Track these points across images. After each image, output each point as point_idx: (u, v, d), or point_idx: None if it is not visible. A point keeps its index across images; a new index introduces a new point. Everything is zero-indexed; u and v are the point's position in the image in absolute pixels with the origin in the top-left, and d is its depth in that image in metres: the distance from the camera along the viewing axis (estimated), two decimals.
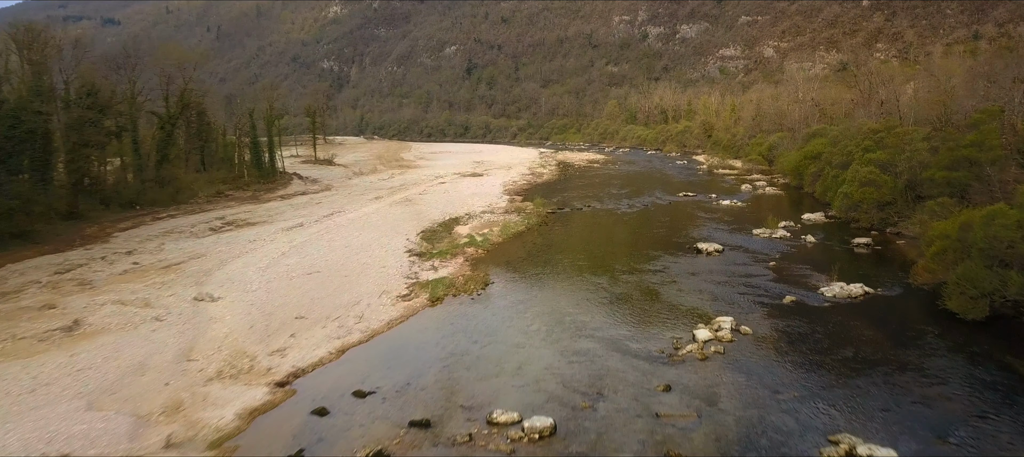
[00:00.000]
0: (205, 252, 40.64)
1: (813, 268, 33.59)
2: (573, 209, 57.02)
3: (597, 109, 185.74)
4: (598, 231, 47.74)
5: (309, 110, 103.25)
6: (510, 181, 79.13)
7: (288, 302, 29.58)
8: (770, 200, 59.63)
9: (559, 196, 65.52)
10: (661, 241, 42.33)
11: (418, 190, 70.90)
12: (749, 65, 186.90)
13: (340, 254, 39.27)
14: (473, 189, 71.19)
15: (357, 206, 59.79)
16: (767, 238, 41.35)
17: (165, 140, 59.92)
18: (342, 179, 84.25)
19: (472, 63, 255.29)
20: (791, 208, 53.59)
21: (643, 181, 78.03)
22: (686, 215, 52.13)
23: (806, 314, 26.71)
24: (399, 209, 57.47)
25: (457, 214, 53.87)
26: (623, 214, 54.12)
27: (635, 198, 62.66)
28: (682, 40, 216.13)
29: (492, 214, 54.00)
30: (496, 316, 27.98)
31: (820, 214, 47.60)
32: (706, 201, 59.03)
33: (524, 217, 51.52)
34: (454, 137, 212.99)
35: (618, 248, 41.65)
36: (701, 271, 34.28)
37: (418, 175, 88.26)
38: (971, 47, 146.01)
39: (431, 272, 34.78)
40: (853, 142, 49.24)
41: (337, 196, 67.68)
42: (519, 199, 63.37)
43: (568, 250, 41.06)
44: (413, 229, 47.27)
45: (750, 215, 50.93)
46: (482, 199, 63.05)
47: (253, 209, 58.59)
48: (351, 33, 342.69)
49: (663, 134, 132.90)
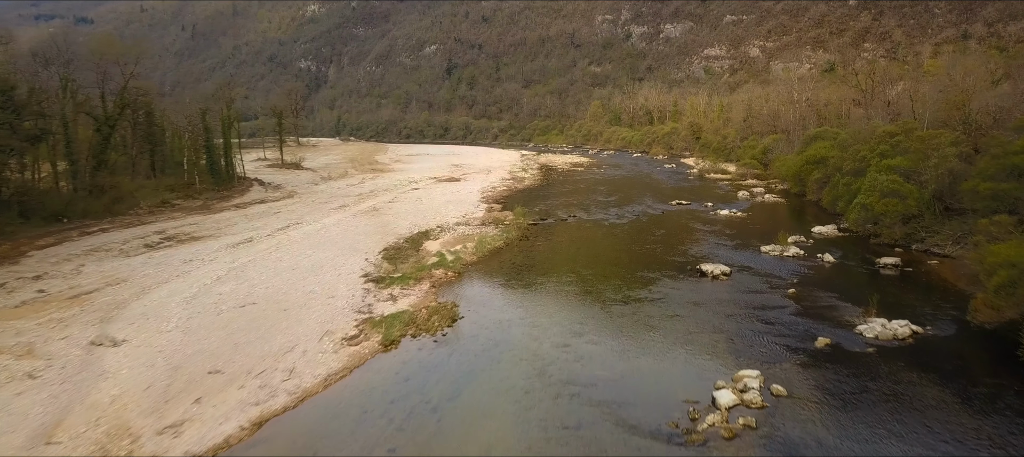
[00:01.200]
0: (128, 276, 34.66)
1: (840, 296, 28.49)
2: (557, 219, 51.68)
3: (580, 110, 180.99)
4: (585, 247, 42.40)
5: (275, 110, 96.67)
6: (489, 187, 73.66)
7: (206, 348, 23.82)
8: (771, 210, 54.72)
9: (541, 204, 60.19)
10: (658, 260, 37.08)
11: (388, 198, 65.14)
12: (734, 65, 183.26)
13: (285, 279, 33.51)
14: (448, 196, 65.60)
15: (318, 217, 53.95)
16: (778, 257, 36.27)
17: (102, 144, 53.56)
18: (308, 185, 78.19)
19: (452, 63, 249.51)
20: (797, 219, 48.68)
21: (631, 187, 72.94)
22: (682, 227, 46.97)
23: (848, 364, 21.54)
24: (364, 220, 51.72)
25: (428, 226, 48.26)
26: (612, 226, 48.85)
27: (624, 207, 57.48)
28: (666, 40, 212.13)
29: (467, 226, 48.49)
30: (463, 366, 22.50)
31: (832, 227, 42.68)
32: (702, 211, 53.97)
33: (503, 230, 46.06)
34: (433, 138, 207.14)
35: (609, 269, 36.34)
36: (708, 300, 29.04)
37: (390, 180, 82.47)
38: (961, 47, 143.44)
39: (389, 303, 29.15)
40: (866, 146, 44.39)
41: (298, 205, 61.74)
42: (498, 208, 57.93)
43: (551, 271, 35.66)
44: (376, 246, 41.57)
45: (753, 228, 45.90)
46: (457, 208, 57.50)
47: (200, 221, 52.49)
48: (329, 32, 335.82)
49: (649, 136, 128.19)
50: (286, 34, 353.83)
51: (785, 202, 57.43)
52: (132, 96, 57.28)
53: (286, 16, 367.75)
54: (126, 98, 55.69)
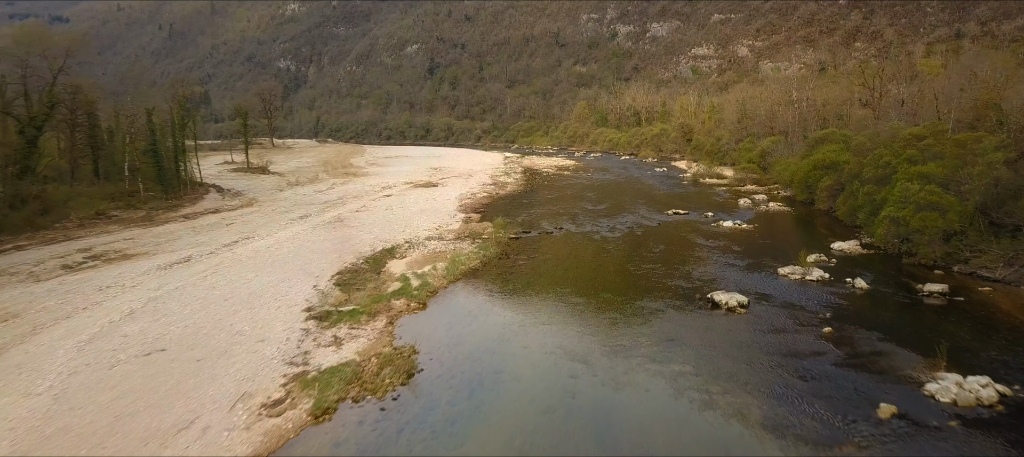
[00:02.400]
0: (23, 309, 28.58)
1: (889, 337, 23.21)
2: (541, 232, 46.09)
3: (565, 111, 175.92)
4: (574, 267, 36.86)
5: (240, 111, 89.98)
6: (468, 193, 67.96)
7: (73, 425, 17.94)
8: (778, 221, 49.51)
9: (524, 213, 54.64)
10: (659, 285, 31.63)
11: (356, 206, 59.22)
12: (723, 65, 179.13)
13: (212, 314, 27.62)
14: (423, 204, 59.82)
15: (274, 229, 47.94)
16: (799, 281, 30.95)
17: (26, 148, 47.20)
18: (271, 191, 72.00)
19: (434, 62, 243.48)
20: (811, 233, 43.52)
21: (622, 193, 67.61)
22: (683, 242, 41.60)
23: (931, 447, 16.17)
24: (324, 234, 45.80)
25: (395, 241, 42.46)
26: (603, 240, 43.36)
27: (615, 216, 52.07)
28: (653, 39, 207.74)
29: (440, 240, 42.79)
30: (416, 449, 16.85)
31: (853, 242, 37.52)
32: (702, 222, 48.65)
33: (480, 245, 40.43)
34: (414, 140, 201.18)
35: (603, 298, 30.79)
36: (726, 343, 23.63)
37: (363, 185, 76.50)
38: (954, 46, 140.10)
39: (331, 350, 23.39)
40: (888, 151, 39.29)
41: (255, 214, 55.65)
42: (476, 218, 52.30)
43: (535, 300, 30.08)
44: (331, 267, 35.75)
45: (763, 243, 40.64)
46: (431, 218, 51.77)
47: (137, 235, 46.28)
48: (309, 31, 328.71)
49: (637, 137, 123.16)
50: (265, 33, 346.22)
51: (792, 211, 52.26)
52: (64, 94, 50.87)
53: (265, 15, 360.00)
54: (54, 96, 49.29)
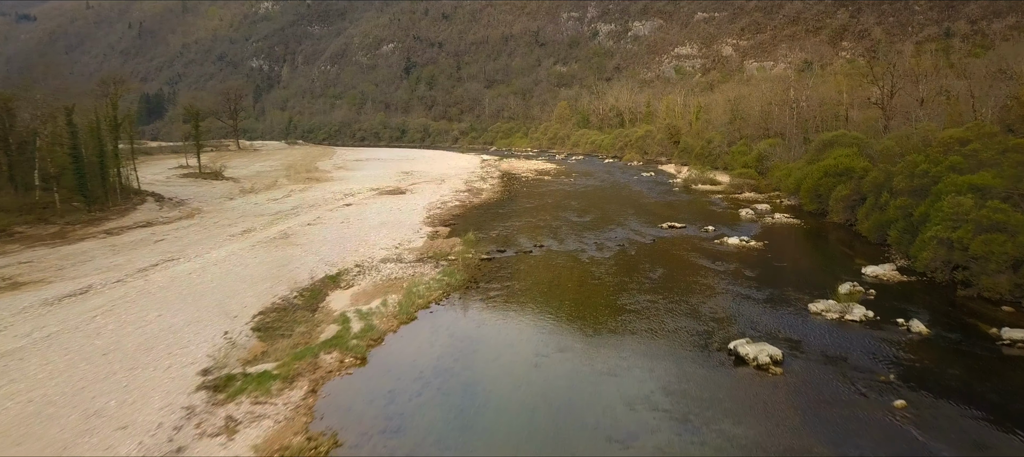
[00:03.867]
0: None
1: (979, 409, 17.14)
2: (519, 251, 39.61)
3: (545, 111, 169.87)
4: (556, 300, 30.41)
5: (191, 112, 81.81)
6: (438, 202, 61.34)
7: None
8: (790, 236, 43.40)
9: (500, 226, 48.17)
10: (665, 328, 25.31)
11: (309, 218, 52.31)
12: (707, 64, 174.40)
13: (77, 376, 20.77)
14: (385, 215, 53.10)
15: (208, 248, 40.94)
16: (838, 322, 24.82)
17: None
18: (220, 200, 64.75)
19: (411, 62, 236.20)
20: (832, 253, 37.59)
21: (609, 202, 61.43)
22: (684, 265, 35.37)
23: None
24: (263, 255, 38.89)
25: (344, 265, 35.75)
26: (591, 262, 37.01)
27: (603, 231, 45.77)
28: (635, 38, 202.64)
29: (398, 262, 36.17)
30: None
31: (887, 267, 31.53)
32: (703, 238, 42.47)
33: (444, 270, 33.89)
34: (389, 141, 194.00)
35: (595, 348, 24.37)
36: (766, 430, 17.32)
37: (323, 192, 69.48)
38: (943, 45, 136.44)
39: (218, 442, 16.64)
40: (924, 158, 33.41)
41: (193, 229, 48.54)
42: (444, 232, 45.74)
43: (507, 356, 23.60)
44: (256, 301, 28.95)
45: (780, 266, 34.55)
46: (392, 233, 45.10)
47: (40, 257, 39.00)
48: (282, 30, 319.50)
49: (621, 139, 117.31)
50: (237, 32, 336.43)
51: (802, 225, 46.20)
52: None
53: (238, 13, 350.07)
54: None
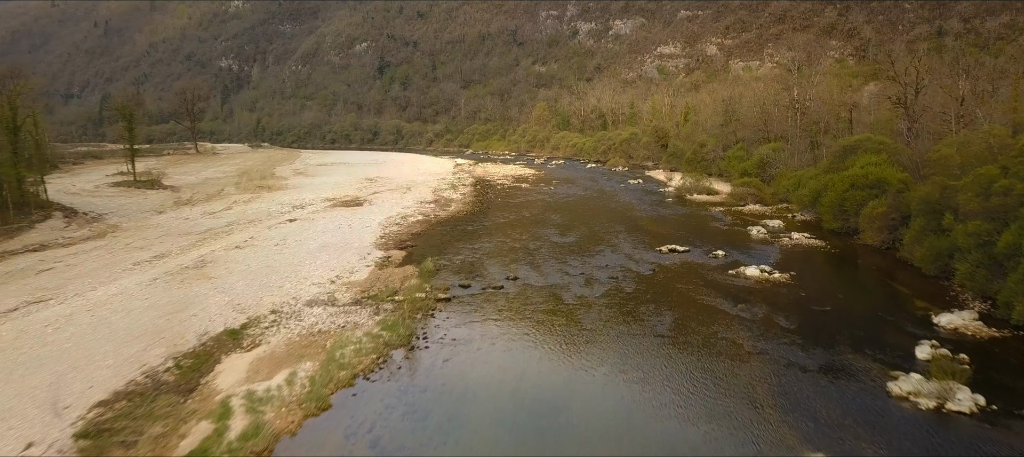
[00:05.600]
0: None
1: None
2: (487, 286, 31.56)
3: (524, 113, 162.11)
4: (533, 375, 22.46)
5: (122, 112, 71.90)
6: (398, 215, 53.20)
7: None
8: (820, 265, 35.56)
9: (467, 249, 40.18)
10: (688, 434, 17.55)
11: (240, 238, 43.81)
12: (691, 64, 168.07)
13: None
14: (332, 234, 44.83)
15: (97, 281, 32.43)
16: (937, 418, 17.24)
17: None
18: (146, 214, 55.93)
19: (384, 61, 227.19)
20: (878, 290, 30.13)
21: (594, 215, 53.74)
22: (700, 311, 27.52)
23: None
24: (157, 294, 30.39)
25: (258, 310, 27.47)
26: (579, 304, 29.08)
27: (591, 256, 37.94)
28: (616, 37, 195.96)
29: (330, 305, 28.05)
30: None
31: (966, 315, 24.01)
32: (713, 266, 34.71)
33: (385, 320, 25.82)
34: (361, 144, 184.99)
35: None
36: None
37: (270, 204, 60.92)
38: (936, 44, 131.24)
39: None
40: (1006, 171, 26.08)
41: (96, 253, 39.86)
42: (398, 257, 37.69)
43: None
44: (110, 377, 20.63)
45: (822, 312, 26.83)
46: (334, 259, 36.89)
47: None
48: (253, 29, 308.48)
49: (604, 142, 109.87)
50: (206, 31, 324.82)
51: (828, 248, 38.39)
52: None
53: (207, 11, 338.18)
54: None
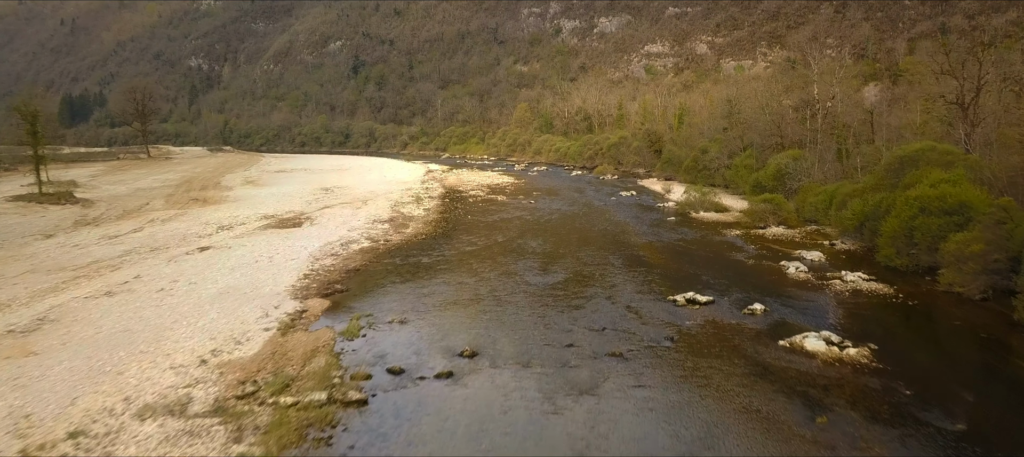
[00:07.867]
0: None
1: None
2: (424, 376, 21.22)
3: (504, 114, 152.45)
4: None
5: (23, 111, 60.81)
6: (341, 240, 43.04)
7: None
8: (904, 328, 25.12)
9: (415, 294, 30.13)
10: None
11: (122, 277, 33.39)
12: (680, 63, 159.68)
13: None
14: (242, 272, 34.52)
15: None
16: None
17: None
18: (27, 239, 45.22)
19: (359, 61, 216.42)
20: (1009, 377, 20.58)
21: (583, 241, 43.96)
22: (757, 428, 17.77)
23: None
24: None
25: (49, 434, 17.28)
26: (564, 414, 19.20)
27: (580, 310, 28.03)
28: (601, 35, 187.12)
29: (179, 416, 18.05)
30: None
31: None
32: (752, 330, 24.80)
33: (256, 444, 15.82)
34: (332, 147, 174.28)
35: None
36: None
37: (193, 224, 50.47)
38: (941, 42, 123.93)
39: None
40: None
41: None
42: (319, 309, 27.65)
43: None
44: None
45: (950, 432, 17.18)
46: (226, 316, 26.68)
47: None
48: (224, 27, 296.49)
49: (591, 147, 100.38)
50: (176, 29, 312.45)
51: (903, 298, 27.55)
52: None
53: (178, 9, 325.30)
54: None
